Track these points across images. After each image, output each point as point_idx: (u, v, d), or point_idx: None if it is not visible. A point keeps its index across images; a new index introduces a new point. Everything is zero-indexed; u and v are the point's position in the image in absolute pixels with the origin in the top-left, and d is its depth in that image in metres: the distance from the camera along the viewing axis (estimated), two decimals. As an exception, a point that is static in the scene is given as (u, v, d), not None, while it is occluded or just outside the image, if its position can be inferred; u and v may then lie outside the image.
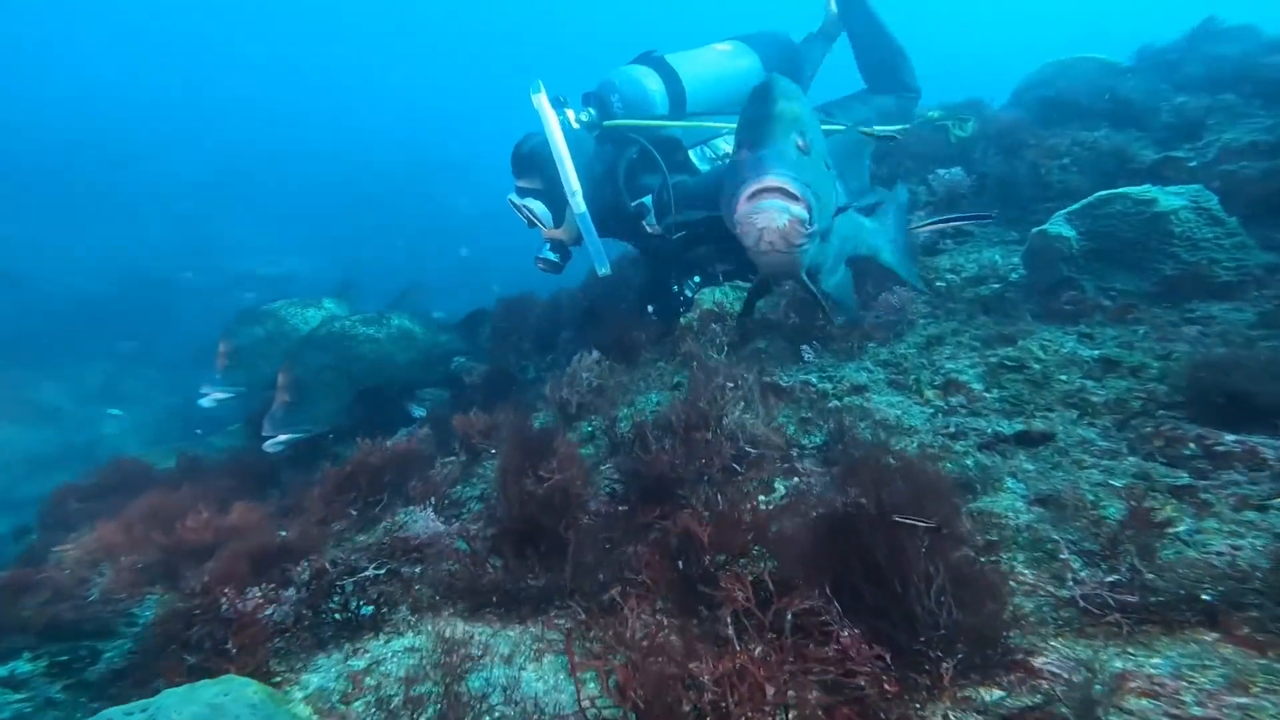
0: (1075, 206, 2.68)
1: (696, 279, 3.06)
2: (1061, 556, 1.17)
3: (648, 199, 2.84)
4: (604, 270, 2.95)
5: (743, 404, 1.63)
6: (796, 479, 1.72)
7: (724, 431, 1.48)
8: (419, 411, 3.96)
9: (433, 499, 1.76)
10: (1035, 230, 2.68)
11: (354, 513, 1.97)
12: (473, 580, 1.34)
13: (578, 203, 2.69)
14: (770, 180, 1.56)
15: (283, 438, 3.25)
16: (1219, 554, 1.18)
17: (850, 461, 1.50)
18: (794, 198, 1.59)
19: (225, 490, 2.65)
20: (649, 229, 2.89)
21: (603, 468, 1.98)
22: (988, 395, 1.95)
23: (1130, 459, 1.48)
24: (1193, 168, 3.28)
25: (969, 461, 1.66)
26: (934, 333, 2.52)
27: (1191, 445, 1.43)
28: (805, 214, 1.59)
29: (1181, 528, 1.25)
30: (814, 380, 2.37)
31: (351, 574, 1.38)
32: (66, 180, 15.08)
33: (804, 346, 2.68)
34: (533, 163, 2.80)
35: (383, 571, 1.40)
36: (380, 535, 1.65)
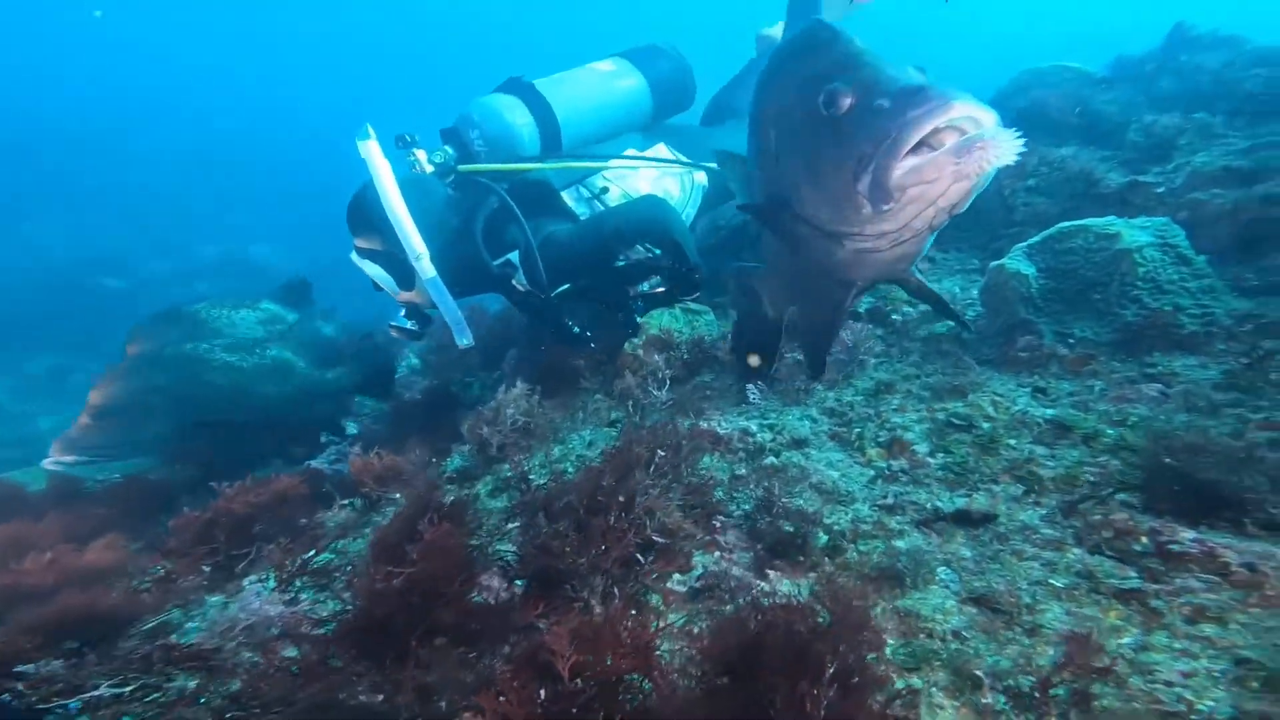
0: (1035, 239, 2.53)
1: (639, 304, 2.82)
2: (984, 700, 1.00)
3: (515, 255, 2.53)
4: (464, 341, 2.61)
5: (664, 480, 1.42)
6: (717, 554, 1.54)
7: (630, 518, 1.28)
8: (352, 428, 3.73)
9: (287, 566, 1.49)
10: (993, 265, 2.53)
11: (206, 568, 1.73)
12: (287, 692, 1.11)
13: (424, 267, 2.34)
14: (959, 106, 1.02)
15: (67, 459, 2.86)
16: (1168, 684, 1.01)
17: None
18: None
19: (107, 517, 2.38)
20: (519, 287, 2.57)
21: (509, 527, 1.78)
22: (931, 460, 1.78)
23: (1075, 551, 1.31)
24: (1160, 194, 3.15)
25: (901, 544, 1.48)
26: (884, 377, 2.36)
27: (1144, 540, 1.27)
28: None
29: (1126, 640, 1.09)
30: (754, 429, 2.19)
31: (75, 693, 1.10)
32: (21, 166, 14.46)
33: (749, 386, 2.49)
34: (368, 221, 2.41)
35: (128, 690, 1.13)
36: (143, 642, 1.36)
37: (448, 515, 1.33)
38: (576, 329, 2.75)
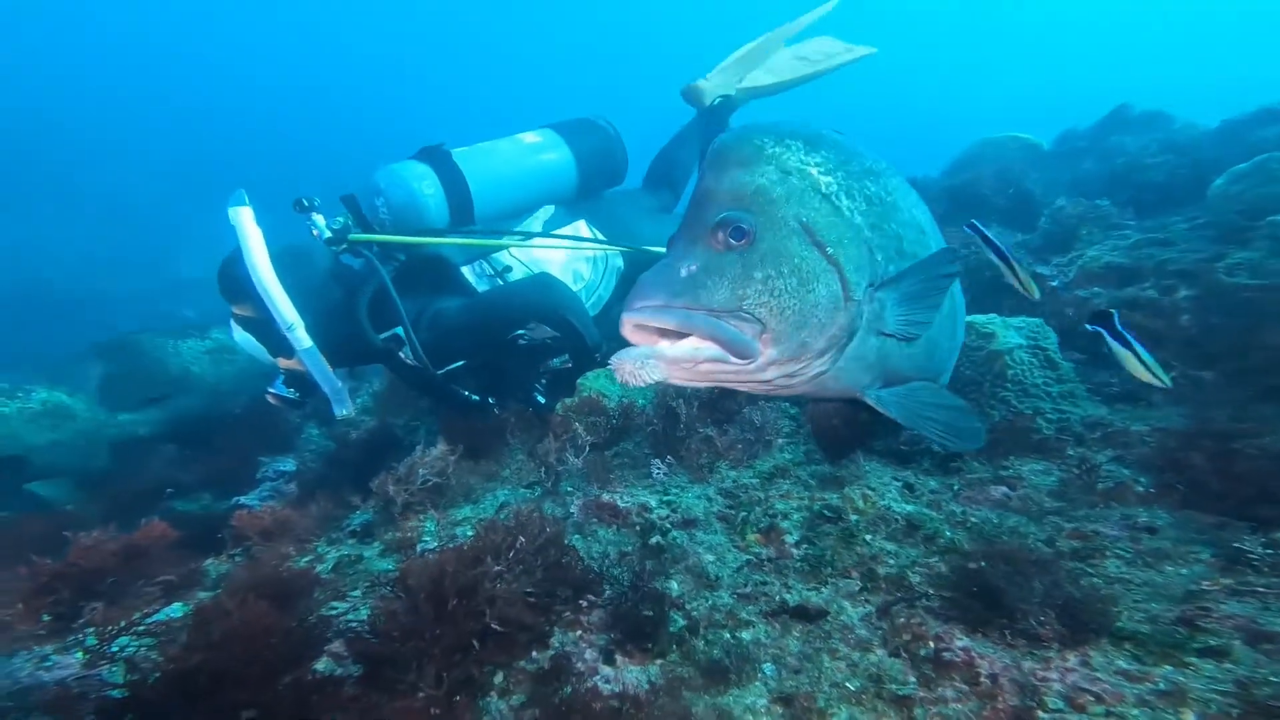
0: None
1: (542, 382, 2.92)
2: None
3: (401, 329, 2.52)
4: (344, 412, 2.62)
5: (519, 567, 1.57)
6: (579, 634, 1.67)
7: (469, 605, 1.41)
8: (288, 464, 3.77)
9: (111, 626, 1.44)
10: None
11: (46, 618, 1.73)
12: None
13: (298, 336, 2.37)
14: (633, 316, 1.09)
15: None
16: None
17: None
18: (676, 333, 1.09)
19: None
20: (407, 361, 2.58)
21: (385, 591, 1.89)
22: (795, 551, 1.95)
23: (877, 653, 1.47)
24: (1055, 287, 3.42)
25: (745, 636, 1.64)
26: (783, 461, 2.54)
27: (930, 645, 1.43)
28: (704, 351, 1.07)
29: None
30: (653, 504, 2.35)
31: None
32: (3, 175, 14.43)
33: (655, 460, 2.66)
34: (238, 288, 2.40)
35: None
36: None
37: (282, 592, 1.43)
38: (475, 397, 2.76)
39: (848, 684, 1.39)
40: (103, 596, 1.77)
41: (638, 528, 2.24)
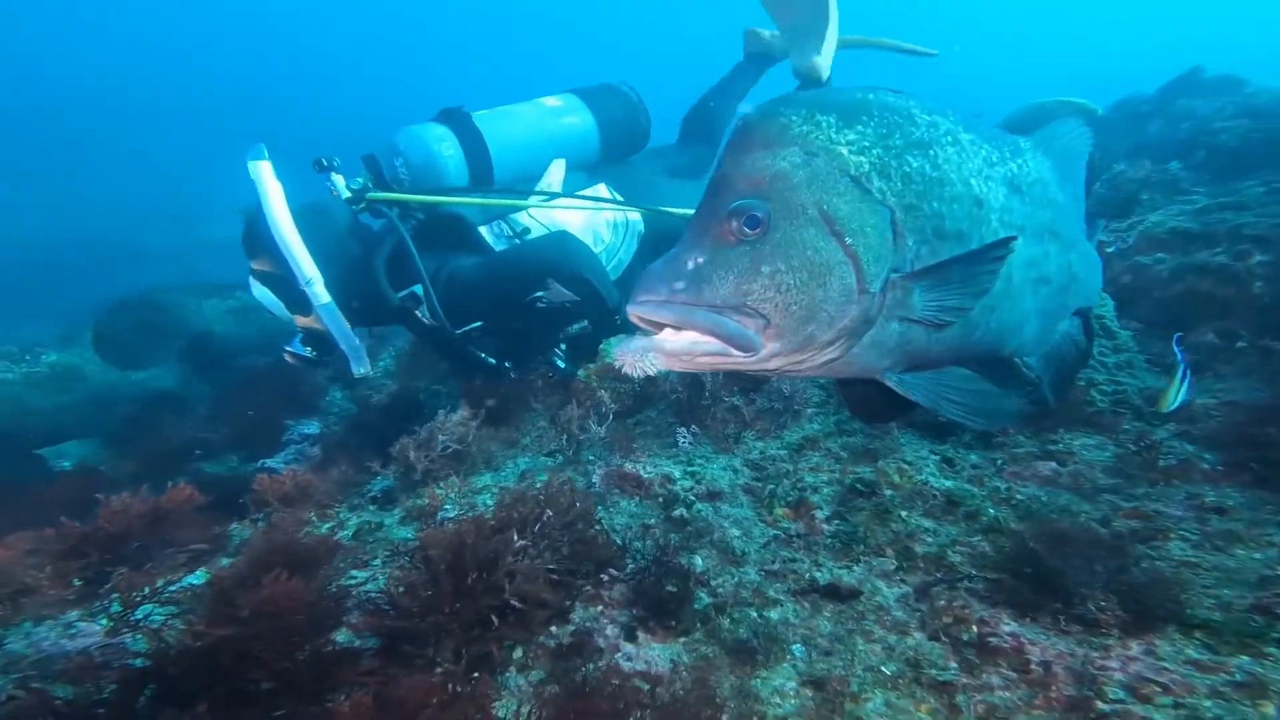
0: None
1: (562, 347, 2.84)
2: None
3: (419, 287, 2.47)
4: (362, 370, 2.57)
5: (542, 543, 1.51)
6: (599, 609, 1.63)
7: (489, 580, 1.36)
8: (312, 428, 3.80)
9: (135, 593, 1.41)
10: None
11: (76, 583, 1.74)
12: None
13: (316, 292, 2.34)
14: (635, 309, 1.09)
15: None
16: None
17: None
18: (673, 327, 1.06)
19: (33, 512, 2.44)
20: (425, 320, 2.53)
21: (405, 561, 1.86)
22: (826, 527, 1.86)
23: (914, 637, 1.39)
24: (1111, 253, 3.18)
25: (773, 615, 1.57)
26: (812, 432, 2.44)
27: (973, 629, 1.35)
28: (702, 346, 1.06)
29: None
30: (676, 475, 2.28)
31: None
32: (32, 134, 14.63)
33: (680, 430, 2.58)
34: (259, 242, 2.38)
35: None
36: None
37: (302, 561, 1.40)
38: (491, 360, 2.71)
39: (883, 668, 1.31)
40: (129, 561, 1.79)
41: (661, 499, 2.18)
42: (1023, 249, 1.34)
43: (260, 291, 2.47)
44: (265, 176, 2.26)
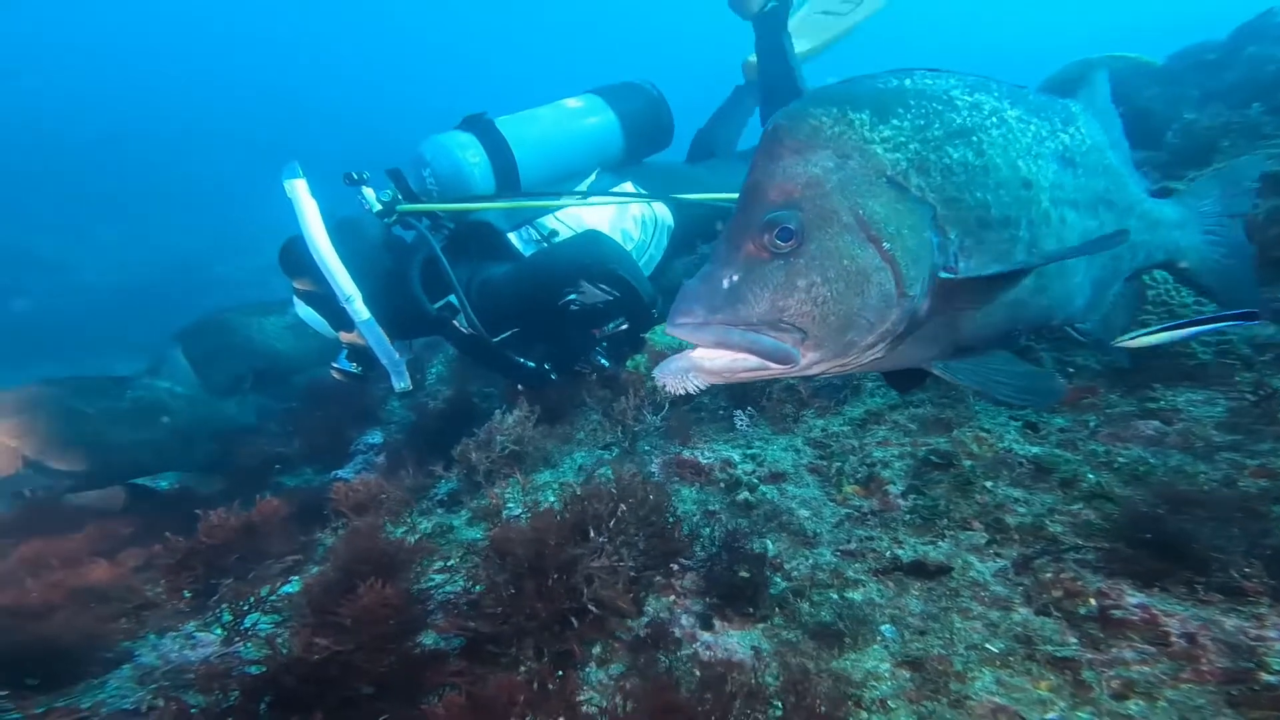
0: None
1: (604, 344, 2.80)
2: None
3: (454, 297, 2.49)
4: (402, 385, 2.62)
5: (619, 539, 1.46)
6: (671, 599, 1.58)
7: (568, 583, 1.33)
8: (375, 437, 3.91)
9: (241, 602, 1.51)
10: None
11: (187, 594, 1.86)
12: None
13: (356, 309, 2.37)
14: (674, 331, 1.09)
15: None
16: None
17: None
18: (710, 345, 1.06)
19: (134, 529, 2.60)
20: (462, 329, 2.55)
21: (474, 560, 1.86)
22: (902, 502, 1.75)
23: (1021, 612, 1.28)
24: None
25: (855, 596, 1.48)
26: (876, 405, 2.32)
27: (1091, 602, 1.23)
28: (741, 363, 1.05)
29: (1051, 716, 1.07)
30: (736, 458, 2.21)
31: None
32: (108, 172, 15.72)
33: (737, 412, 2.51)
34: (299, 263, 2.42)
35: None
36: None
37: (386, 566, 1.41)
38: (531, 364, 2.71)
39: (988, 645, 1.21)
40: (230, 573, 1.90)
41: (722, 484, 2.12)
42: (1075, 223, 1.27)
43: (304, 310, 2.55)
44: (301, 195, 2.31)
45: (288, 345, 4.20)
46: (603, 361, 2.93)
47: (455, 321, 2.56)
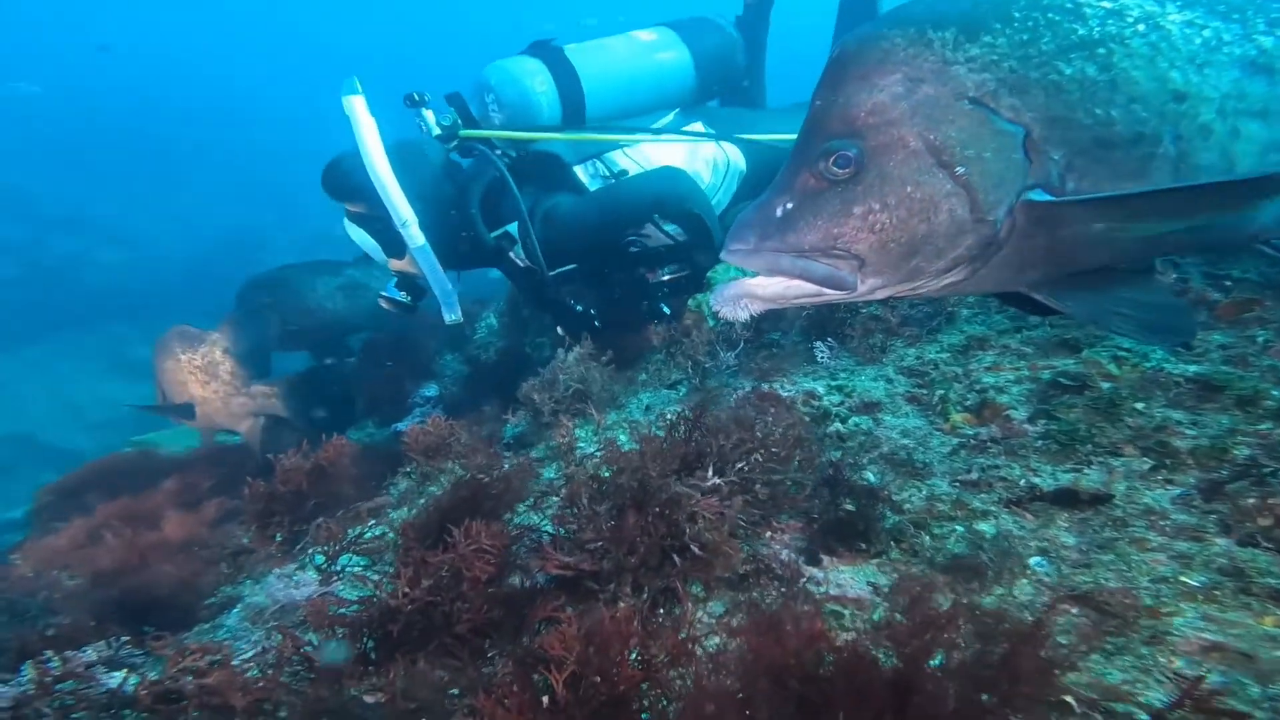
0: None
1: (665, 290, 2.59)
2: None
3: (513, 226, 2.33)
4: (453, 317, 2.49)
5: (728, 475, 1.30)
6: (767, 534, 1.42)
7: (670, 519, 1.18)
8: (431, 390, 3.90)
9: (331, 545, 1.49)
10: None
11: (278, 538, 1.85)
12: (294, 688, 1.05)
13: (411, 235, 2.23)
14: (726, 255, 1.12)
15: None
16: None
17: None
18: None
19: (211, 483, 2.65)
20: (519, 262, 2.40)
21: (553, 500, 1.75)
22: (1030, 428, 1.53)
23: (1219, 543, 1.06)
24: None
25: (986, 528, 1.29)
26: (977, 331, 2.06)
27: (1315, 534, 0.99)
28: (794, 289, 1.06)
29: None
30: (820, 390, 2.01)
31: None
32: (168, 145, 16.16)
33: (818, 344, 2.29)
34: (352, 184, 2.28)
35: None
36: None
37: (488, 507, 1.31)
38: (580, 307, 2.57)
39: (1184, 579, 1.01)
40: (312, 518, 1.87)
41: (808, 418, 1.93)
42: (1258, 135, 1.12)
43: (356, 233, 2.43)
44: (359, 112, 2.17)
45: (338, 305, 4.19)
46: (663, 308, 2.76)
47: (512, 253, 2.43)
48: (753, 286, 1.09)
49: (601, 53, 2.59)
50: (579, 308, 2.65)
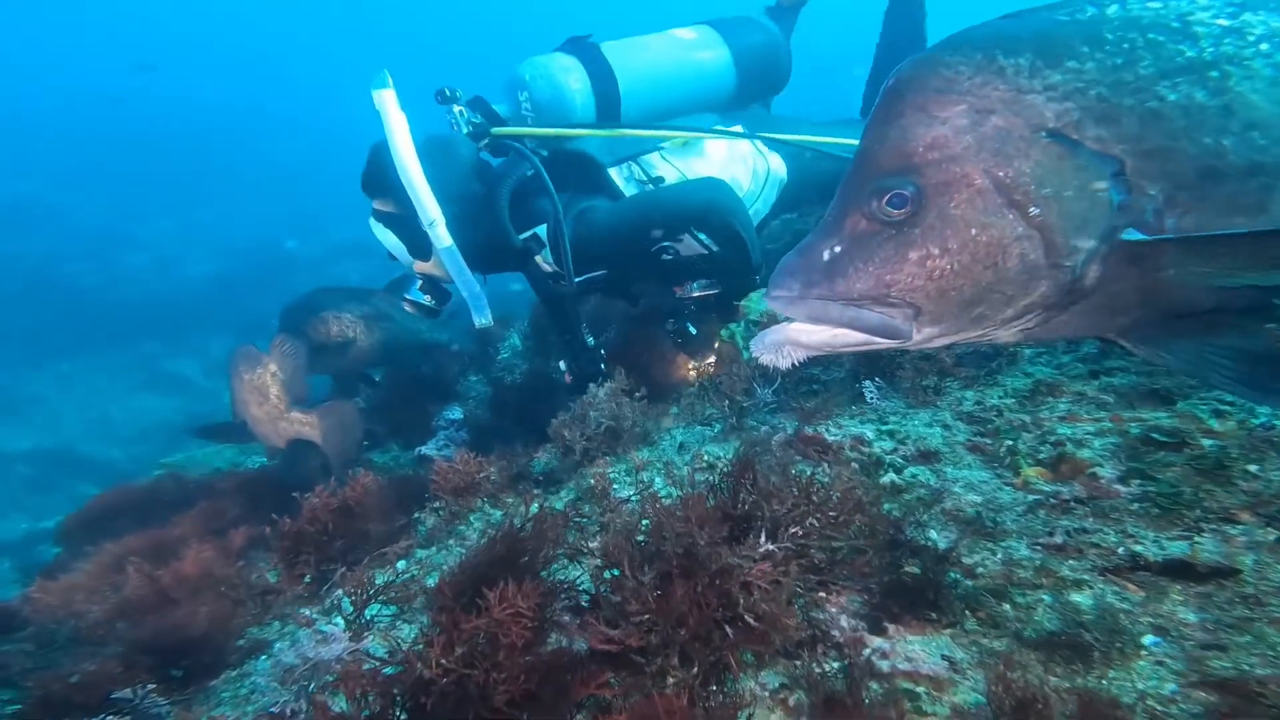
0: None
1: (691, 308, 2.45)
2: None
3: (542, 229, 2.23)
4: (482, 321, 2.40)
5: (784, 541, 1.15)
6: (820, 594, 1.26)
7: (721, 588, 1.05)
8: (455, 413, 3.82)
9: (358, 592, 1.40)
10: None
11: (307, 579, 1.76)
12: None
13: (438, 235, 2.15)
14: (769, 302, 1.08)
15: None
16: None
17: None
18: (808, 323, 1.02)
19: (237, 510, 2.57)
20: (545, 266, 2.31)
21: (590, 546, 1.60)
22: (1120, 488, 1.35)
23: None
24: None
25: (1081, 599, 1.11)
26: (1045, 375, 1.90)
27: None
28: (842, 338, 1.01)
29: None
30: (869, 435, 1.86)
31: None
32: (195, 159, 16.86)
33: (865, 382, 2.14)
34: (381, 180, 2.21)
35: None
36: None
37: (522, 562, 1.20)
38: (591, 340, 2.48)
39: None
40: (340, 559, 1.79)
41: (856, 465, 1.77)
42: None
43: (381, 233, 2.36)
44: (389, 107, 2.10)
45: (360, 334, 4.22)
46: (689, 328, 2.65)
47: (539, 257, 2.33)
48: (796, 334, 1.03)
49: (639, 50, 2.54)
50: (591, 340, 2.56)
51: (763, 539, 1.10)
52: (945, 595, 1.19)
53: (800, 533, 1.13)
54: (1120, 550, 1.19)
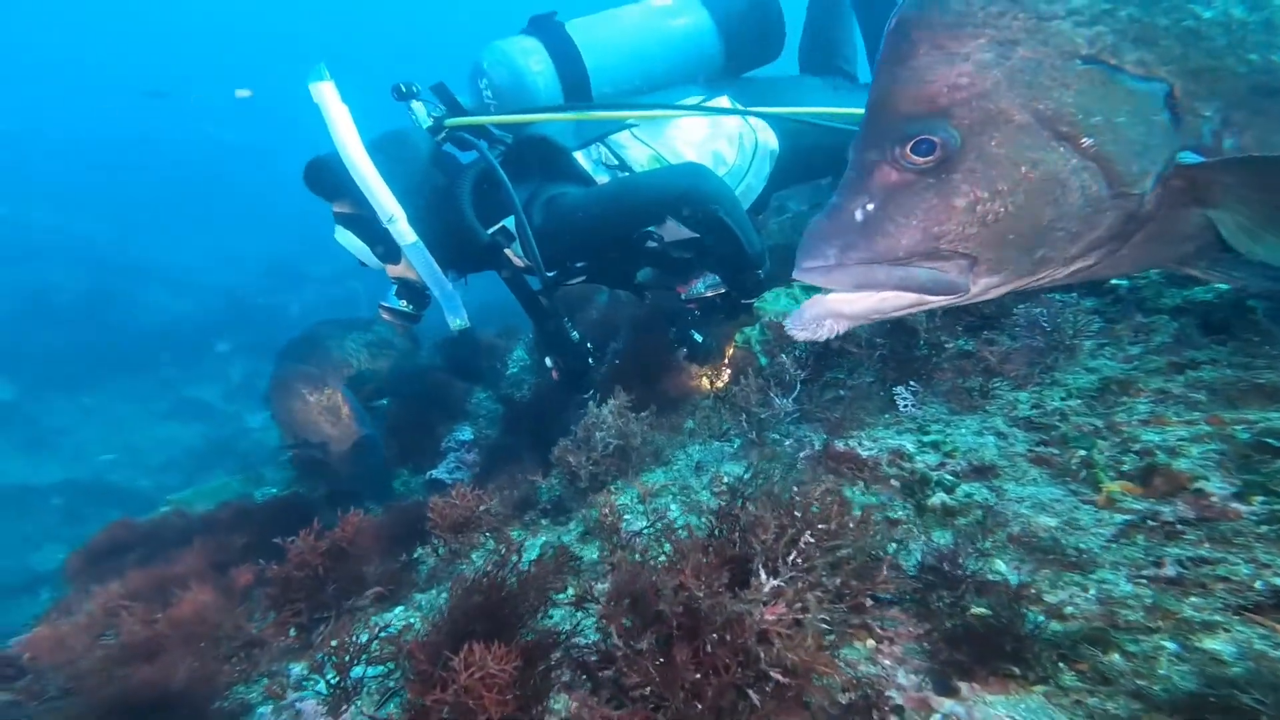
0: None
1: (695, 313, 2.24)
2: None
3: (509, 220, 2.05)
4: (458, 322, 2.24)
5: (803, 579, 0.93)
6: (871, 644, 1.03)
7: (736, 645, 0.83)
8: (465, 433, 3.68)
9: (342, 652, 1.18)
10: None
11: (292, 631, 1.58)
12: None
13: (399, 231, 2.00)
14: (804, 278, 1.00)
15: None
16: None
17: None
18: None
19: (245, 541, 2.44)
20: (517, 261, 2.15)
21: (598, 589, 1.38)
22: (1239, 507, 1.10)
23: None
24: None
25: (1217, 646, 0.86)
26: (1115, 371, 1.64)
27: None
28: (891, 302, 0.97)
29: None
30: (909, 447, 1.62)
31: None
32: (208, 183, 17.18)
33: (898, 389, 1.90)
34: (332, 179, 2.06)
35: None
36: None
37: (501, 620, 1.01)
38: (576, 334, 2.30)
39: None
40: (334, 604, 1.64)
41: (897, 483, 1.54)
42: None
43: (345, 238, 2.20)
44: (329, 99, 1.95)
45: (360, 362, 4.13)
46: (694, 335, 2.42)
47: (509, 250, 2.16)
48: (838, 304, 0.97)
49: (607, 24, 2.33)
50: (575, 334, 2.37)
51: (764, 576, 0.88)
52: (1027, 643, 0.95)
53: (800, 558, 0.91)
54: (1259, 585, 0.93)
